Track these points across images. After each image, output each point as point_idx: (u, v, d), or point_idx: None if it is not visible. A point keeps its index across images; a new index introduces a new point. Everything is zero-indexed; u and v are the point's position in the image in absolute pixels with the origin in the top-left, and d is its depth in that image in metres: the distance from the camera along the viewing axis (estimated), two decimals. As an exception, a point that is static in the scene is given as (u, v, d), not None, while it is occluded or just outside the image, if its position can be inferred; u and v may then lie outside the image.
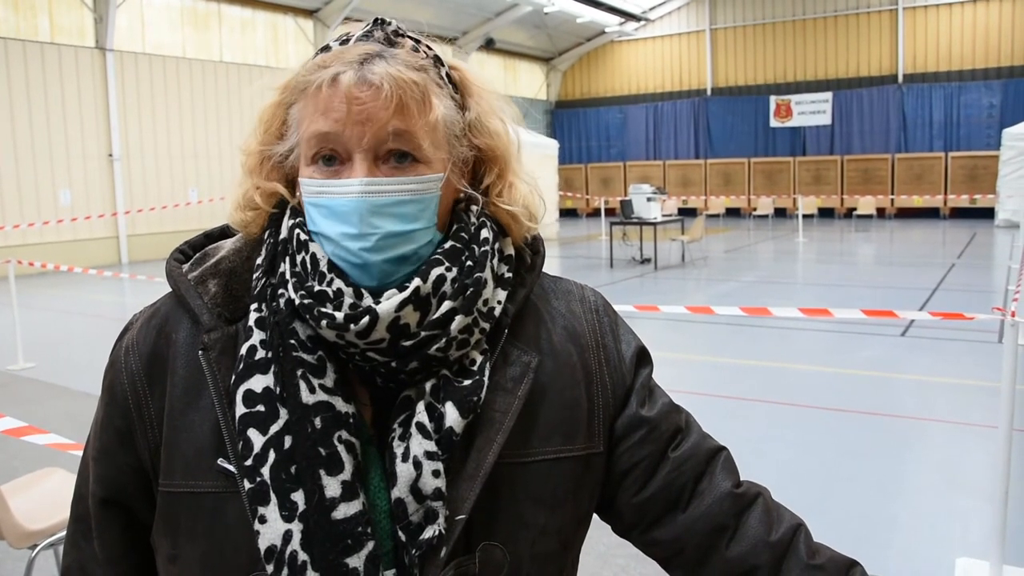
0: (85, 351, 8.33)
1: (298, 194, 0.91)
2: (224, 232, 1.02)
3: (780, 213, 25.63)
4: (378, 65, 0.84)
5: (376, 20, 0.91)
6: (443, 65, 0.92)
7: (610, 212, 21.50)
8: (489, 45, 26.35)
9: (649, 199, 14.94)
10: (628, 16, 27.93)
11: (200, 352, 0.90)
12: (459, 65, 0.95)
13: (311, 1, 20.57)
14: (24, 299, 9.50)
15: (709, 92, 28.23)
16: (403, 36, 0.90)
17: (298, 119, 0.88)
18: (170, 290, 0.96)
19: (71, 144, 16.01)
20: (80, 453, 2.93)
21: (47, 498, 2.97)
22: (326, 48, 0.89)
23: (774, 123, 26.85)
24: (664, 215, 15.93)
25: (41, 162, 15.51)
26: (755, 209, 25.72)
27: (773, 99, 26.80)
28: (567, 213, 27.98)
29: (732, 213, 26.90)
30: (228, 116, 18.75)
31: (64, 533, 2.83)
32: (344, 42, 0.88)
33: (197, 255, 0.98)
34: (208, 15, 18.90)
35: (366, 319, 0.82)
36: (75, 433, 3.28)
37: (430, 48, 0.91)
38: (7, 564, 3.64)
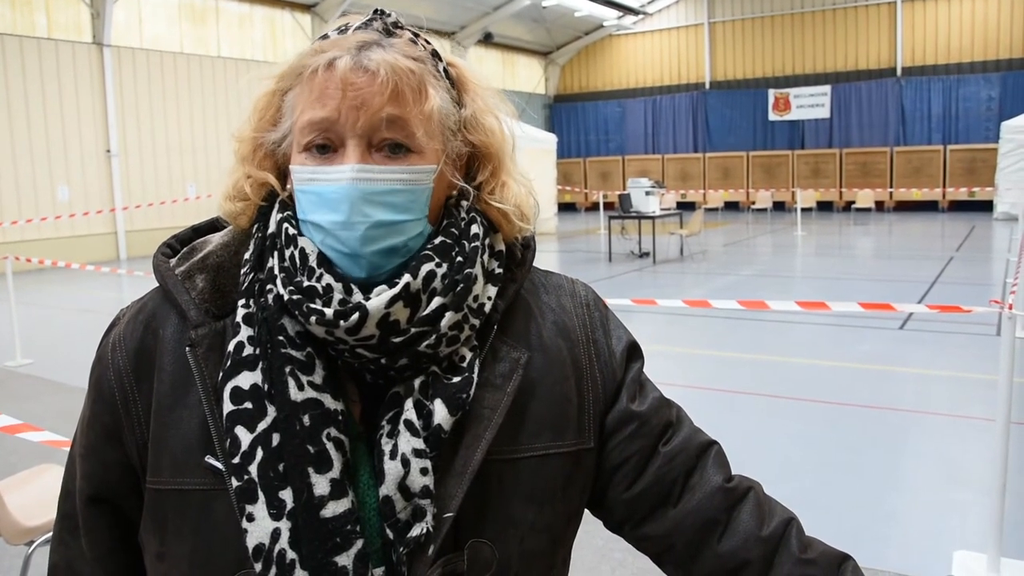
0: (83, 347, 8.29)
1: (288, 186, 0.91)
2: (212, 226, 1.01)
3: (779, 206, 25.63)
4: (375, 52, 0.84)
5: (376, 11, 0.91)
6: (440, 60, 0.92)
7: (609, 206, 21.48)
8: (487, 39, 26.31)
9: (648, 193, 14.93)
10: (626, 10, 27.90)
11: (187, 348, 0.89)
12: (456, 62, 0.95)
13: (308, -4, 20.54)
14: (22, 295, 9.49)
15: (707, 86, 28.21)
16: (402, 28, 0.90)
17: (292, 105, 0.88)
18: (157, 285, 0.95)
19: (69, 140, 15.98)
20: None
21: (44, 495, 2.97)
22: (324, 37, 0.89)
23: (773, 116, 26.82)
24: (663, 209, 15.95)
25: (39, 158, 15.48)
26: (754, 203, 25.71)
27: (772, 92, 26.77)
28: (565, 207, 27.95)
29: (731, 207, 26.90)
30: (226, 111, 18.71)
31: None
32: (343, 31, 0.88)
33: (184, 249, 0.97)
34: (205, 10, 18.86)
35: (356, 315, 0.81)
36: (72, 430, 3.27)
37: (428, 42, 0.91)
38: (4, 560, 3.64)
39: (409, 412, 0.84)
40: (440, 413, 0.85)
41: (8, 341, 7.92)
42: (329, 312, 0.82)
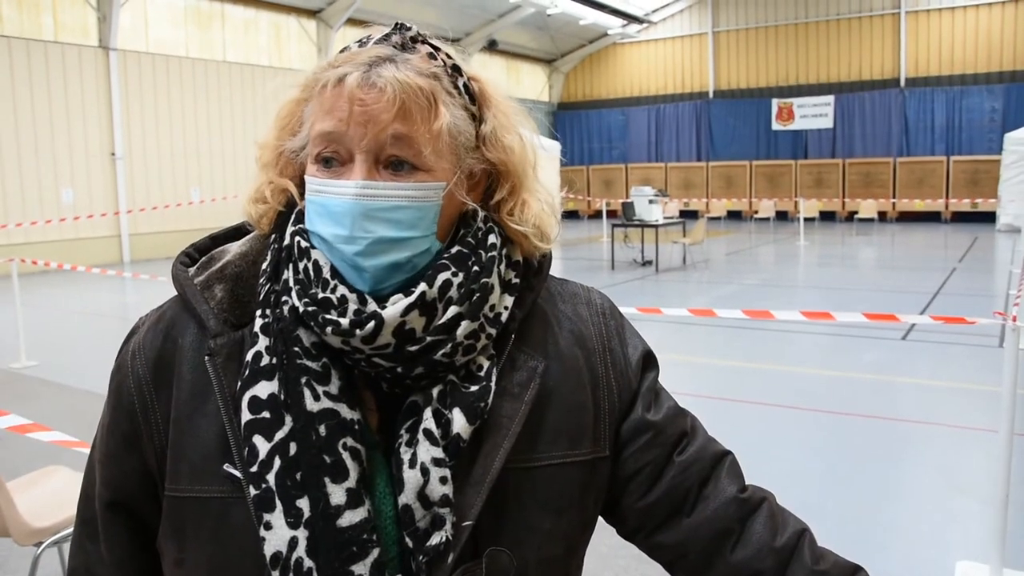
0: (87, 349, 8.34)
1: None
2: (229, 235, 1.02)
3: (781, 216, 25.64)
4: (386, 69, 0.84)
5: (397, 25, 0.91)
6: (461, 75, 0.91)
7: (612, 214, 21.48)
8: (492, 47, 26.36)
9: (651, 201, 14.94)
10: (631, 18, 27.94)
11: (206, 357, 0.89)
12: (480, 76, 0.94)
13: (314, 1, 20.59)
14: (26, 297, 9.50)
15: (711, 95, 28.24)
16: (422, 43, 0.90)
17: (309, 116, 0.89)
18: (175, 293, 0.96)
19: (74, 143, 16.02)
20: (83, 451, 2.92)
21: (52, 496, 2.98)
22: (346, 49, 0.89)
23: (776, 126, 26.84)
24: (666, 217, 15.93)
25: (44, 161, 15.51)
26: (756, 212, 25.72)
27: (775, 102, 26.79)
28: (569, 215, 27.98)
29: (733, 216, 26.90)
30: (231, 116, 18.75)
31: (69, 531, 2.84)
32: (363, 44, 0.89)
33: (203, 259, 0.97)
34: (211, 15, 18.92)
35: (371, 324, 0.82)
36: (77, 431, 3.29)
37: (449, 57, 0.91)
38: (11, 561, 3.64)
39: (428, 421, 0.85)
40: (459, 422, 0.85)
41: (13, 343, 7.93)
42: (345, 322, 0.82)
